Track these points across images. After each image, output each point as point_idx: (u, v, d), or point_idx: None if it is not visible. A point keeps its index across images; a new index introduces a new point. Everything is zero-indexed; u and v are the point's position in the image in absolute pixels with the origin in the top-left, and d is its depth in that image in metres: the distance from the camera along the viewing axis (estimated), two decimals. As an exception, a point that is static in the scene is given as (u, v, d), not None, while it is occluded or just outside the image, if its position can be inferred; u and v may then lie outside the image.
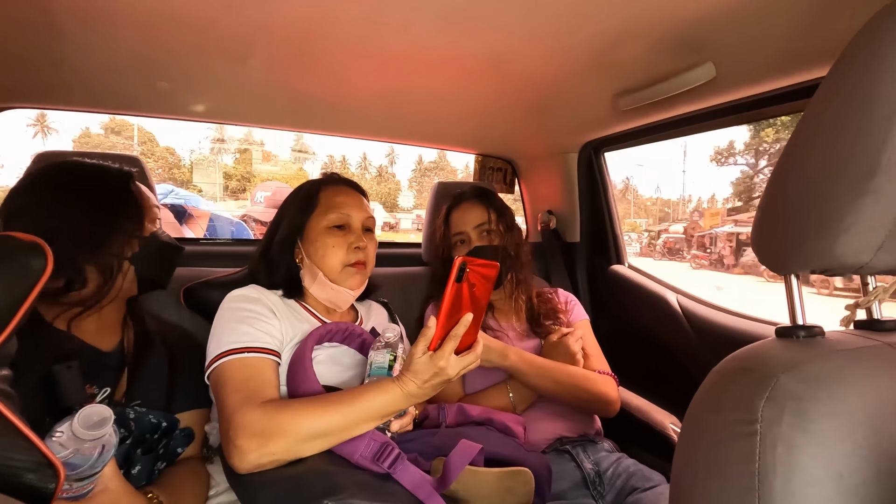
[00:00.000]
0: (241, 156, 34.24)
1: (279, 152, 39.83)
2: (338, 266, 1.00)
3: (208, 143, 37.45)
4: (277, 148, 43.05)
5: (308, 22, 0.91)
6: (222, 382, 0.82)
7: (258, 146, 32.70)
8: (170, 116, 1.45)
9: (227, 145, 36.63)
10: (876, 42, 0.44)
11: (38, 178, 0.87)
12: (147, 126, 36.71)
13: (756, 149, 21.90)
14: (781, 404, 0.41)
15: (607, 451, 1.17)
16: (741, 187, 22.83)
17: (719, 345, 1.21)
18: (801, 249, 0.48)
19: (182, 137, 58.97)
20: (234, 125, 1.59)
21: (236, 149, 36.27)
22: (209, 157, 35.73)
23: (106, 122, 33.59)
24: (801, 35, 0.81)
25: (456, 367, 0.80)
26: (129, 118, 32.86)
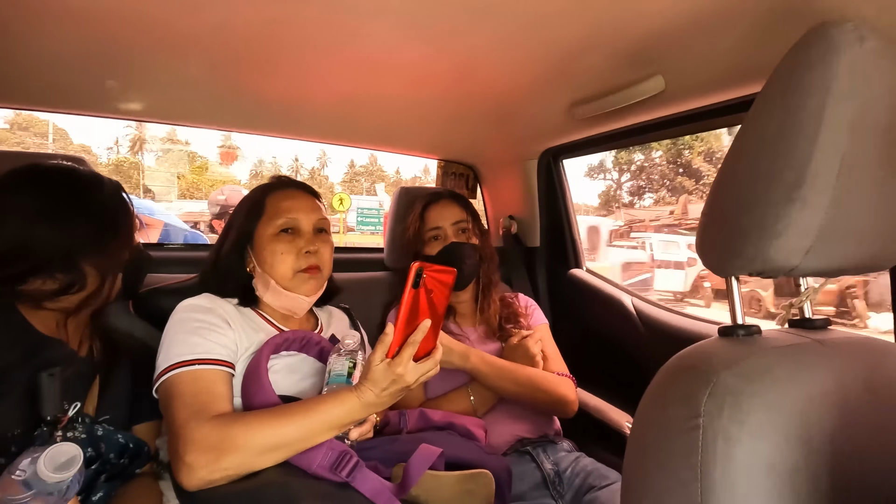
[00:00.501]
0: (164, 155, 32.33)
1: (207, 153, 38.49)
2: (289, 273, 0.97)
3: (127, 142, 35.55)
4: (204, 149, 41.59)
5: (268, 24, 0.89)
6: (171, 397, 0.79)
7: (183, 145, 31.30)
8: (119, 116, 1.39)
9: (151, 145, 34.86)
10: (802, 62, 0.47)
11: (16, 182, 0.83)
12: (60, 122, 34.67)
13: (619, 167, 27.22)
14: (721, 399, 0.43)
15: (566, 450, 1.20)
16: (604, 198, 28.99)
17: (669, 344, 1.25)
18: (739, 254, 0.51)
19: (97, 134, 54.85)
20: (189, 127, 1.54)
21: (160, 148, 34.60)
22: (131, 159, 33.78)
23: (10, 116, 31.34)
24: (742, 53, 0.86)
25: (414, 374, 0.79)
26: (40, 116, 30.82)
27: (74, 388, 0.81)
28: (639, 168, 26.16)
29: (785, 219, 0.47)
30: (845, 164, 0.46)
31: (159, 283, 1.16)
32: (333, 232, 1.12)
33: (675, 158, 15.16)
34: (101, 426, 0.81)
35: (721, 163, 0.55)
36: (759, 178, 0.49)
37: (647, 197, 25.46)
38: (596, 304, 1.57)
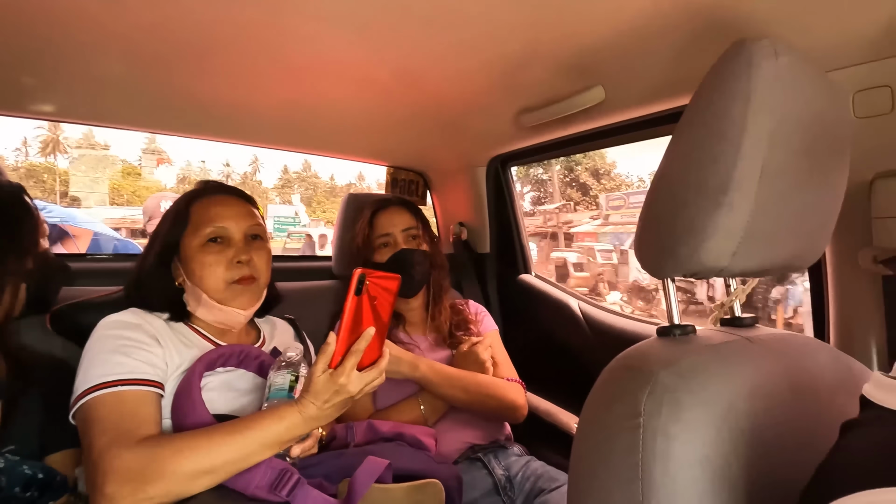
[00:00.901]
0: (80, 159, 29.90)
1: (128, 156, 36.46)
2: (220, 285, 0.91)
3: (38, 143, 33.05)
4: (126, 151, 39.33)
5: (208, 25, 0.85)
6: (90, 422, 0.72)
7: (102, 148, 29.47)
8: (37, 117, 1.28)
9: (68, 147, 32.39)
10: (725, 74, 0.50)
11: None
12: None
13: (520, 180, 29.16)
14: (660, 398, 0.45)
15: (517, 455, 1.20)
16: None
17: (613, 345, 1.28)
18: (673, 256, 0.53)
19: (3, 137, 50.41)
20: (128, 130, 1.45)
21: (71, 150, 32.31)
22: (45, 163, 31.35)
23: None
24: (674, 66, 0.91)
25: (358, 384, 0.77)
26: None
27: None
28: (538, 181, 27.76)
29: (713, 223, 0.49)
30: (765, 171, 0.49)
31: (82, 296, 1.07)
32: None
33: (566, 174, 16.38)
34: (3, 457, 0.73)
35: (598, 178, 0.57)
36: (689, 183, 0.51)
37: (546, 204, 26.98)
38: (545, 309, 1.60)
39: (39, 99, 1.19)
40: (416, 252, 1.26)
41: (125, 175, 31.22)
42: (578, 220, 18.48)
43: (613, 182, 17.82)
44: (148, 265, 0.94)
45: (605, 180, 17.29)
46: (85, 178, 26.65)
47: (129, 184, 29.79)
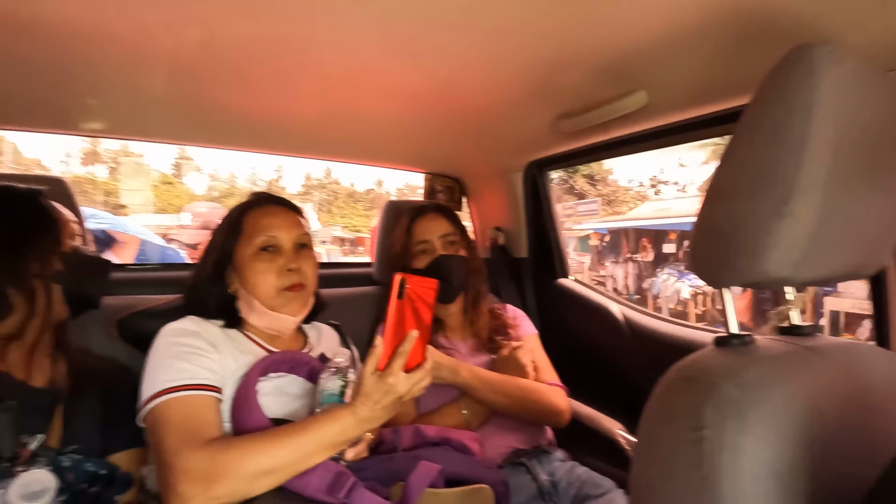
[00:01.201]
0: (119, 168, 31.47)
1: (160, 165, 37.93)
2: (272, 292, 0.94)
3: (79, 156, 34.94)
4: (158, 161, 40.82)
5: (250, 42, 0.89)
6: (159, 425, 0.77)
7: (137, 157, 31.18)
8: (100, 135, 1.36)
9: (103, 159, 34.22)
10: (785, 81, 0.49)
11: None
12: (8, 135, 33.75)
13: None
14: (724, 410, 0.44)
15: (560, 460, 1.20)
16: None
17: (657, 351, 1.28)
18: (732, 266, 0.52)
19: (46, 147, 54.15)
20: (170, 144, 1.52)
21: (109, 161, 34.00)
22: (86, 174, 33.18)
23: None
24: (722, 67, 0.89)
25: (406, 384, 0.79)
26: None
27: (33, 420, 0.77)
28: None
29: (776, 233, 0.48)
30: (829, 179, 0.48)
31: (141, 304, 1.13)
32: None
33: (564, 180, 16.16)
34: (69, 456, 0.77)
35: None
36: (748, 193, 0.51)
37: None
38: (584, 314, 1.58)
39: (86, 117, 1.25)
40: (453, 258, 1.27)
41: (161, 184, 32.72)
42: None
43: (609, 188, 17.74)
44: (204, 274, 0.98)
45: (600, 186, 17.07)
46: (125, 189, 28.11)
47: (163, 192, 31.11)
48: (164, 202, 29.15)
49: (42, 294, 0.82)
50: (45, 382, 0.84)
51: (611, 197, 17.52)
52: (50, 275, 0.82)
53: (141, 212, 21.02)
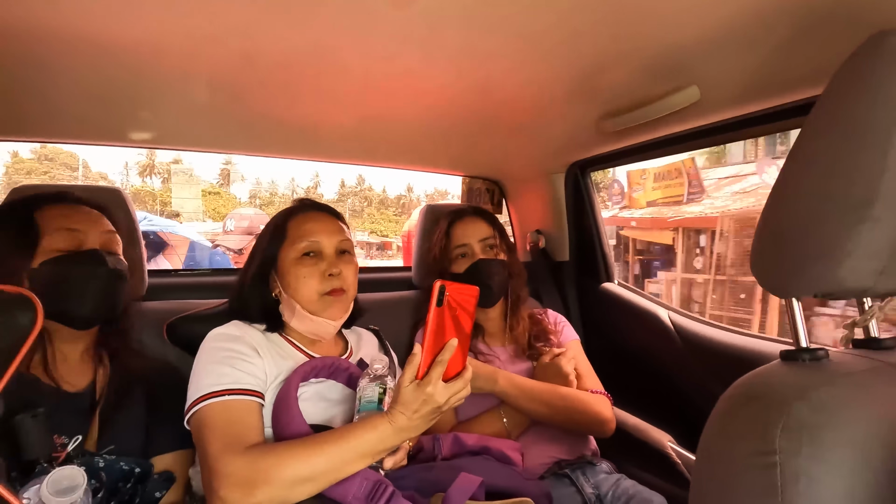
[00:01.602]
0: (173, 178, 33.60)
1: (208, 177, 40.32)
2: (314, 296, 0.95)
3: (136, 170, 37.34)
4: (205, 172, 43.08)
5: (291, 51, 0.90)
6: (203, 428, 0.79)
7: (187, 168, 32.88)
8: (150, 145, 1.42)
9: (159, 169, 36.52)
10: (867, 70, 0.45)
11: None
12: (80, 152, 36.19)
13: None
14: (797, 434, 0.40)
15: (606, 472, 1.15)
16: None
17: (712, 361, 1.21)
18: (803, 274, 0.48)
19: (110, 162, 60.35)
20: (215, 153, 1.57)
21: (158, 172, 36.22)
22: (143, 185, 35.51)
23: (36, 148, 32.97)
24: (782, 59, 0.83)
25: (444, 395, 0.77)
26: (63, 147, 32.50)
27: (69, 423, 0.79)
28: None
29: (854, 239, 0.44)
30: None
31: (190, 308, 1.17)
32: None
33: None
34: (102, 458, 0.79)
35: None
36: (822, 195, 0.46)
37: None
38: (630, 319, 1.52)
39: (138, 129, 1.30)
40: (493, 262, 1.25)
41: (207, 194, 34.61)
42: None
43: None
44: (248, 278, 1.00)
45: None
46: (177, 198, 29.74)
47: (211, 201, 32.87)
48: (211, 210, 30.69)
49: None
50: (84, 386, 0.87)
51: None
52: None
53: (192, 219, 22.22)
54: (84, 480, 0.60)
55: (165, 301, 1.26)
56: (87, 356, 0.89)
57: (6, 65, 0.91)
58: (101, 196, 1.12)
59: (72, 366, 0.87)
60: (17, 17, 0.76)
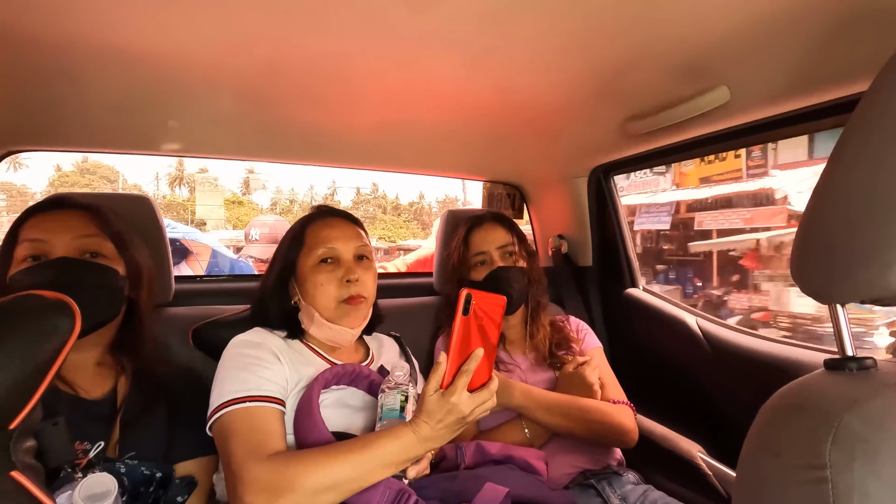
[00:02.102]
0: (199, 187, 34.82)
1: (232, 186, 41.67)
2: (332, 303, 0.95)
3: (166, 181, 38.67)
4: (229, 182, 44.50)
5: (313, 59, 0.91)
6: (226, 435, 0.79)
7: (212, 178, 33.98)
8: (178, 154, 1.45)
9: (186, 182, 37.95)
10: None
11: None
12: (116, 164, 37.72)
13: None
14: (850, 447, 0.38)
15: (633, 483, 1.12)
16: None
17: (743, 369, 1.17)
18: (848, 279, 0.45)
19: (142, 173, 62.68)
20: (239, 161, 1.60)
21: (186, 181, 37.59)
22: (172, 196, 36.94)
23: (78, 161, 34.43)
24: (817, 56, 0.80)
25: (469, 405, 0.76)
26: (102, 159, 33.99)
27: (90, 430, 0.80)
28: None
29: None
30: None
31: (215, 314, 1.18)
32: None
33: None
34: (123, 463, 0.80)
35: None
36: (870, 196, 0.44)
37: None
38: (656, 325, 1.49)
39: (166, 138, 1.33)
40: (512, 269, 1.23)
41: (230, 204, 35.58)
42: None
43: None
44: (268, 285, 1.00)
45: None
46: (203, 207, 30.70)
47: (233, 211, 33.77)
48: (234, 219, 31.53)
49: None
50: (105, 393, 0.87)
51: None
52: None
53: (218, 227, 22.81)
54: (115, 487, 0.61)
55: (191, 307, 1.28)
56: (105, 363, 0.90)
57: (40, 77, 0.94)
58: (129, 204, 1.14)
59: (89, 373, 0.87)
60: (49, 31, 0.79)
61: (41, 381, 0.37)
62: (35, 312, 0.38)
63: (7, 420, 0.35)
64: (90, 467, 0.75)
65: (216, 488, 0.91)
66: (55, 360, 0.37)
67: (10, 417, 0.35)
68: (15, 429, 0.35)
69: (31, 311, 0.38)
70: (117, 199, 1.06)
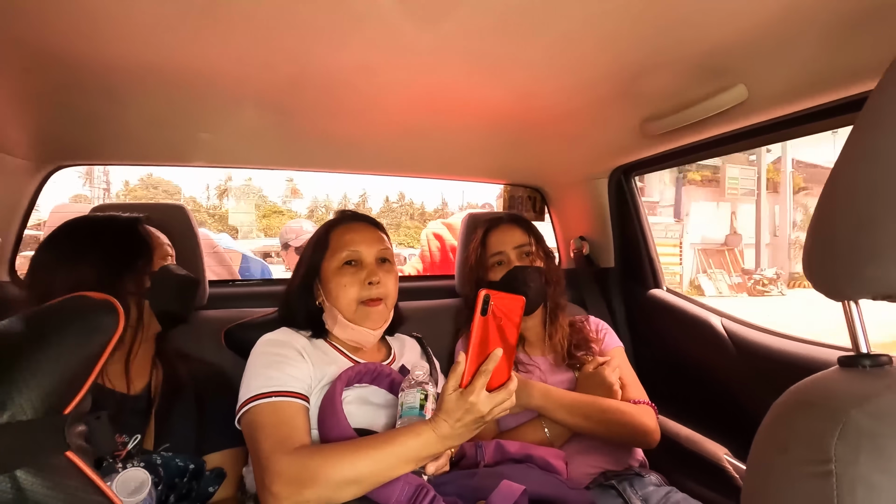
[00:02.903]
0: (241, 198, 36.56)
1: (274, 197, 43.90)
2: (353, 304, 0.98)
3: (215, 193, 40.90)
4: (271, 193, 46.49)
5: (337, 71, 0.94)
6: (254, 428, 0.83)
7: (257, 191, 35.49)
8: (210, 165, 1.51)
9: (231, 193, 40.04)
10: None
11: (58, 234, 0.94)
12: (174, 179, 39.57)
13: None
14: (855, 442, 0.39)
15: (655, 484, 1.11)
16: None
17: (770, 371, 1.15)
18: (858, 276, 0.46)
19: (196, 186, 66.83)
20: (267, 170, 1.65)
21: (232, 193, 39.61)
22: (218, 207, 38.89)
23: (143, 176, 36.39)
24: (834, 52, 0.79)
25: (488, 404, 0.78)
26: (164, 175, 35.87)
27: (129, 423, 0.86)
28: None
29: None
30: None
31: (245, 317, 1.23)
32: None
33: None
34: (159, 455, 0.85)
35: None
36: (879, 192, 0.44)
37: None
38: (680, 327, 1.47)
39: (198, 150, 1.39)
40: (529, 269, 1.24)
41: (270, 213, 37.10)
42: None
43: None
44: (294, 287, 1.05)
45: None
46: (245, 216, 32.16)
47: (274, 220, 35.19)
48: (275, 230, 32.80)
49: (134, 310, 0.91)
50: (142, 389, 0.93)
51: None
52: (142, 293, 0.92)
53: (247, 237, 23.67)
54: (149, 481, 0.65)
55: (224, 310, 1.34)
56: (143, 361, 0.96)
57: (84, 97, 1.01)
58: (166, 212, 1.21)
59: (134, 370, 0.93)
60: (92, 54, 0.84)
61: (90, 372, 0.41)
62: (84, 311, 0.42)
63: (63, 405, 0.39)
64: (129, 458, 0.81)
65: (245, 481, 0.95)
66: (102, 353, 0.42)
67: (65, 403, 0.39)
68: (69, 414, 0.39)
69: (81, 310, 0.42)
70: (156, 209, 1.12)
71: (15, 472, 0.36)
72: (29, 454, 0.37)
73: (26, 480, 0.36)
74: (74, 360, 0.40)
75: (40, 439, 0.38)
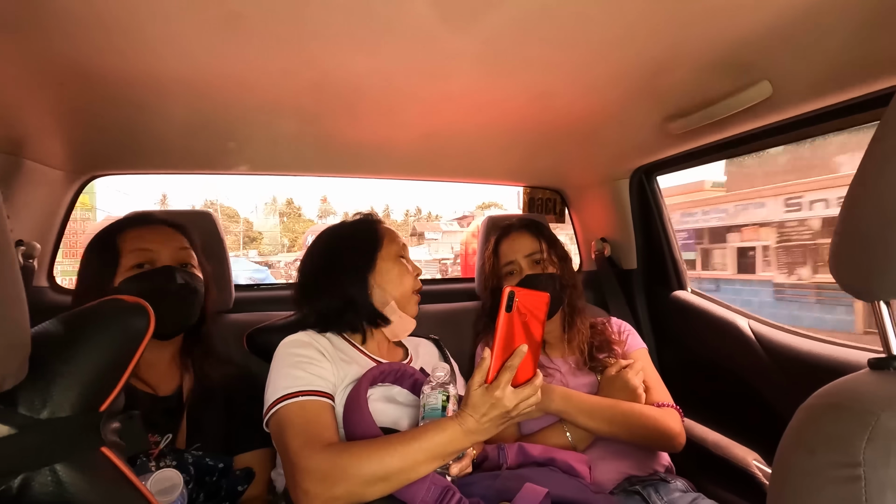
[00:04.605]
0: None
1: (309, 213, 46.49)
2: (409, 291, 1.06)
3: (263, 207, 43.43)
4: (308, 210, 49.11)
5: (358, 78, 0.96)
6: (283, 427, 0.84)
7: (296, 209, 37.26)
8: (236, 172, 1.55)
9: (275, 207, 42.53)
10: None
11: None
12: (225, 203, 41.97)
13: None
14: (885, 445, 0.38)
15: (681, 490, 1.08)
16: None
17: (800, 373, 1.12)
18: (889, 275, 0.44)
19: (240, 200, 69.18)
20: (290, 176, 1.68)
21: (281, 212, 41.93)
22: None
23: (207, 201, 39.37)
24: (861, 45, 0.77)
25: (513, 399, 0.78)
26: (223, 202, 37.95)
27: (161, 423, 0.88)
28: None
29: None
30: None
31: (267, 320, 1.26)
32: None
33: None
34: (190, 454, 0.87)
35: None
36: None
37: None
38: (706, 329, 1.44)
39: (226, 158, 1.43)
40: (540, 277, 1.22)
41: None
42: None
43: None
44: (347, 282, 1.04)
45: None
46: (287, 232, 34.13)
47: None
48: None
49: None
50: (173, 390, 0.96)
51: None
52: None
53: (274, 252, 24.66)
54: (181, 481, 0.67)
55: (249, 313, 1.37)
56: (175, 363, 0.99)
57: (116, 108, 1.05)
58: (195, 219, 1.24)
59: (160, 372, 0.96)
60: (123, 67, 0.88)
61: (124, 371, 0.43)
62: (117, 313, 0.44)
63: (98, 402, 0.41)
64: (162, 457, 0.83)
65: (275, 483, 0.97)
66: (134, 354, 0.44)
67: (100, 400, 0.41)
68: (104, 411, 0.41)
69: (115, 312, 0.44)
70: (185, 215, 1.15)
71: (55, 465, 0.38)
72: (67, 449, 0.39)
73: (65, 474, 0.38)
74: (109, 359, 0.42)
75: (78, 435, 0.40)
